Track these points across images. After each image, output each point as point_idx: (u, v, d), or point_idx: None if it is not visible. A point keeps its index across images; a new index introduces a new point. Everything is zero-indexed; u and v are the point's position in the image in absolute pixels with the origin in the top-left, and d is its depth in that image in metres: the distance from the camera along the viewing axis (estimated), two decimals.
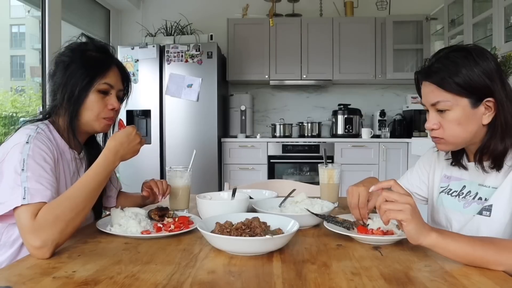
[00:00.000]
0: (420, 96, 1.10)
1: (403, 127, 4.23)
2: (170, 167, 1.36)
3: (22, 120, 3.09)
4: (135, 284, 0.73)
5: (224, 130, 4.26)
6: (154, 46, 3.85)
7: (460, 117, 1.01)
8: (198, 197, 1.22)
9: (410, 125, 4.19)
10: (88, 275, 0.78)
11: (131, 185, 1.88)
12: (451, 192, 1.16)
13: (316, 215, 1.12)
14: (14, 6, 3.62)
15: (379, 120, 4.29)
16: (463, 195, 1.12)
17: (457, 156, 1.16)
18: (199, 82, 3.83)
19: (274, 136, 4.25)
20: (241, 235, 0.90)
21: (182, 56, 3.84)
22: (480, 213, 1.06)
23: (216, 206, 1.18)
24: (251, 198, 1.35)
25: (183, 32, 4.17)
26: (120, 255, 0.90)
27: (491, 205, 1.04)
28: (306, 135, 4.32)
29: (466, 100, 1.00)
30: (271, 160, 4.01)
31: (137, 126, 1.93)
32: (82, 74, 1.14)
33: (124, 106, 1.29)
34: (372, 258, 0.88)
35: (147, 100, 3.87)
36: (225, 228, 0.94)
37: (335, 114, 4.27)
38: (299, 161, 4.06)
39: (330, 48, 4.19)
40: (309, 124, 4.33)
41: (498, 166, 1.04)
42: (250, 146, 4.03)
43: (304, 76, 4.22)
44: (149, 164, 3.83)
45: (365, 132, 4.10)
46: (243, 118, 4.25)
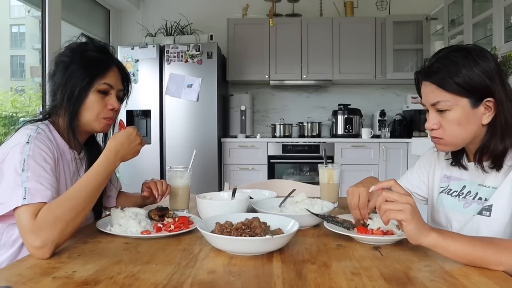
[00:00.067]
0: (420, 96, 1.10)
1: (403, 127, 4.23)
2: (170, 167, 1.36)
3: (22, 120, 3.09)
4: (135, 284, 0.73)
5: (224, 130, 4.26)
6: (154, 46, 3.85)
7: (460, 117, 1.01)
8: (198, 197, 1.22)
9: (410, 125, 4.19)
10: (88, 275, 0.78)
11: (131, 185, 1.88)
12: (451, 192, 1.16)
13: (316, 215, 1.12)
14: (14, 6, 3.62)
15: (379, 120, 4.29)
16: (463, 195, 1.12)
17: (457, 156, 1.16)
18: (199, 82, 3.83)
19: (274, 136, 4.25)
20: (241, 235, 0.90)
21: (182, 56, 3.84)
22: (480, 213, 1.06)
23: (216, 206, 1.18)
24: (251, 198, 1.35)
25: (183, 32, 4.17)
26: (120, 255, 0.90)
27: (491, 205, 1.04)
28: (306, 135, 4.32)
29: (466, 100, 1.00)
30: (271, 160, 4.01)
31: (137, 126, 1.93)
32: (82, 74, 1.14)
33: (124, 106, 1.29)
34: (372, 258, 0.88)
35: (147, 100, 3.87)
36: (225, 228, 0.94)
37: (335, 114, 4.27)
38: (299, 161, 4.06)
39: (330, 48, 4.19)
40: (309, 124, 4.33)
41: (498, 166, 1.04)
42: (250, 146, 4.03)
43: (304, 76, 4.22)
44: (149, 164, 3.83)
45: (365, 132, 4.11)
46: (243, 118, 4.25)
